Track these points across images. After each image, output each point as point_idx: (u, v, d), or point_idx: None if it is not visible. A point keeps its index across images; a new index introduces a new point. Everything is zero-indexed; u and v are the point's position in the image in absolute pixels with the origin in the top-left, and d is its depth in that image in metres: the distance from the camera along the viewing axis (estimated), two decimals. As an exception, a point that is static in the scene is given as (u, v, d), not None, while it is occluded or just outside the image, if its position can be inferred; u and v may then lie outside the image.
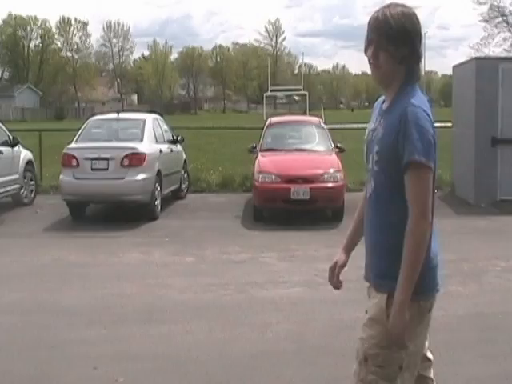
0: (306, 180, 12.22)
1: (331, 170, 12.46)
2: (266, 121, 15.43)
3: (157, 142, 13.60)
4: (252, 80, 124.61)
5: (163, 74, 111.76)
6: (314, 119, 15.55)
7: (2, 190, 13.85)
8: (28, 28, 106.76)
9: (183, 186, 15.57)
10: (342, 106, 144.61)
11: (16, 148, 14.66)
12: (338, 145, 13.89)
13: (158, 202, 13.05)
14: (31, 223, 12.91)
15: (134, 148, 12.48)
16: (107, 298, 7.77)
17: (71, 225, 12.76)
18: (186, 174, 15.87)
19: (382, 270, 3.06)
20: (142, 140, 12.95)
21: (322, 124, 14.91)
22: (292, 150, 13.65)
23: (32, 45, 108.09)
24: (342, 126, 27.02)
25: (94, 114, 15.56)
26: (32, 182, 15.36)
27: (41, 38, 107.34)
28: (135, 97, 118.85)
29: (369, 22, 3.01)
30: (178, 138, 15.21)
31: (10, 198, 14.65)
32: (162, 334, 6.53)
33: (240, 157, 19.86)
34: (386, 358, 3.01)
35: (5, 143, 14.28)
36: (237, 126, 31.11)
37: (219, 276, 8.77)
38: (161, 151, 13.52)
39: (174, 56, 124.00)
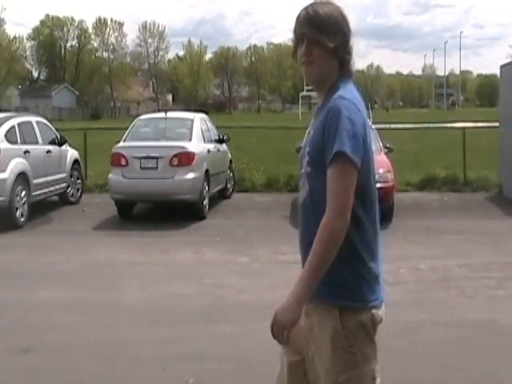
0: (356, 180, 12.08)
1: (381, 171, 12.29)
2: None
3: (204, 141, 13.59)
4: (286, 80, 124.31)
5: (198, 73, 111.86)
6: (362, 119, 15.39)
7: (51, 188, 13.95)
8: (65, 29, 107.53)
9: (229, 185, 15.53)
10: (376, 106, 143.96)
11: (63, 147, 14.75)
12: (387, 145, 13.74)
13: (206, 202, 13.03)
14: (80, 222, 12.97)
15: (183, 147, 12.47)
16: (166, 298, 7.75)
17: (119, 223, 12.79)
18: (231, 174, 15.83)
19: (330, 280, 2.72)
20: (190, 139, 12.94)
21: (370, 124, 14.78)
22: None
23: (69, 45, 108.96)
24: (382, 126, 26.79)
25: (133, 116, 15.58)
26: (78, 181, 15.44)
27: (77, 38, 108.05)
28: (170, 96, 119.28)
29: (297, 19, 2.90)
30: (224, 138, 15.16)
31: (57, 196, 14.75)
32: (225, 335, 6.48)
33: (282, 156, 19.81)
34: (357, 378, 2.81)
35: (53, 142, 14.37)
36: (279, 125, 30.95)
37: (275, 276, 8.68)
38: (209, 151, 13.50)
39: (208, 56, 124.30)
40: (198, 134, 13.28)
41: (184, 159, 12.30)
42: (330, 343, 2.75)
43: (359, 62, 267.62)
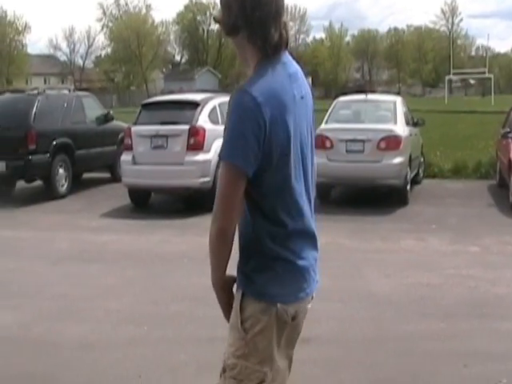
0: None
1: None
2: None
3: (406, 124, 13.11)
4: (427, 63, 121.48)
5: (338, 56, 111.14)
6: None
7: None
8: (207, 13, 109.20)
9: (420, 170, 15.02)
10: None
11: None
12: None
13: (408, 187, 12.61)
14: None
15: (391, 130, 12.04)
16: (417, 288, 7.36)
17: (319, 207, 12.48)
18: (422, 159, 15.31)
19: (239, 264, 2.72)
20: (396, 122, 12.50)
21: None
22: (553, 135, 12.76)
23: (211, 29, 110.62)
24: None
25: (337, 96, 15.23)
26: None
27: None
28: (310, 79, 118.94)
29: None
30: (418, 121, 14.58)
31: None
32: (510, 332, 6.05)
33: (450, 140, 18.98)
34: (242, 371, 2.64)
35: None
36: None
37: (520, 268, 8.21)
38: (410, 134, 13.04)
39: (346, 39, 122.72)
40: (401, 117, 12.83)
41: (392, 143, 11.86)
42: (230, 323, 2.72)
43: (497, 44, 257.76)
